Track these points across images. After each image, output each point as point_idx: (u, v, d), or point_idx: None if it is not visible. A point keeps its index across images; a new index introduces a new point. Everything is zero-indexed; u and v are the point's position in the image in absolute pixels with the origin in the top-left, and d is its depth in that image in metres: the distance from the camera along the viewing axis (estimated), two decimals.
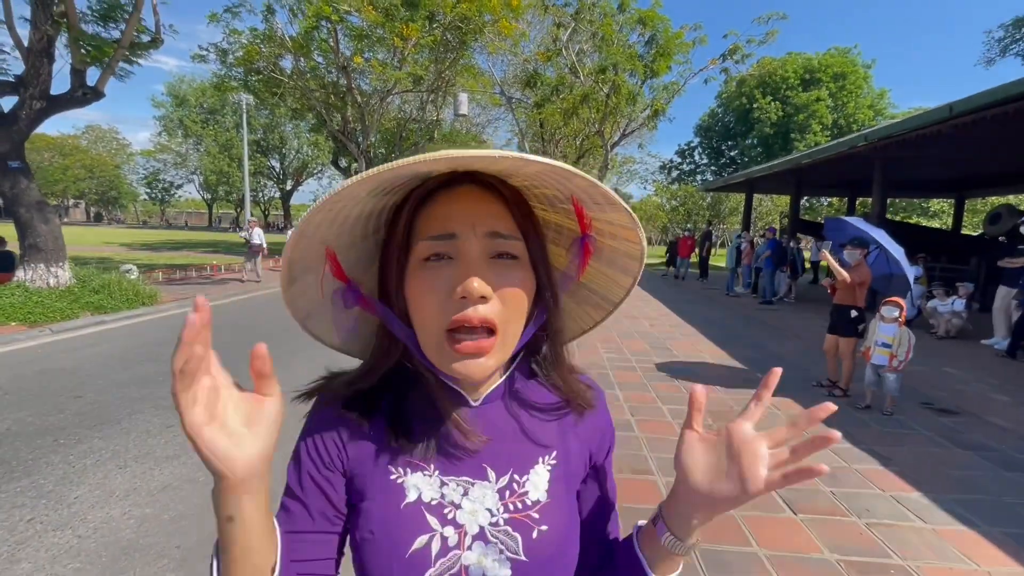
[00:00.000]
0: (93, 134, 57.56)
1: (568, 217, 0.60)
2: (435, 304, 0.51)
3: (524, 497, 0.57)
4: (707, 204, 33.51)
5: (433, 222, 0.52)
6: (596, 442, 0.64)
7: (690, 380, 4.99)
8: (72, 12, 7.55)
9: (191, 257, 18.30)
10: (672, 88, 18.04)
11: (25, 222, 7.72)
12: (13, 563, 2.18)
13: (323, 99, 20.35)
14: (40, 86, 7.62)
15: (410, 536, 0.53)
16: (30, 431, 3.50)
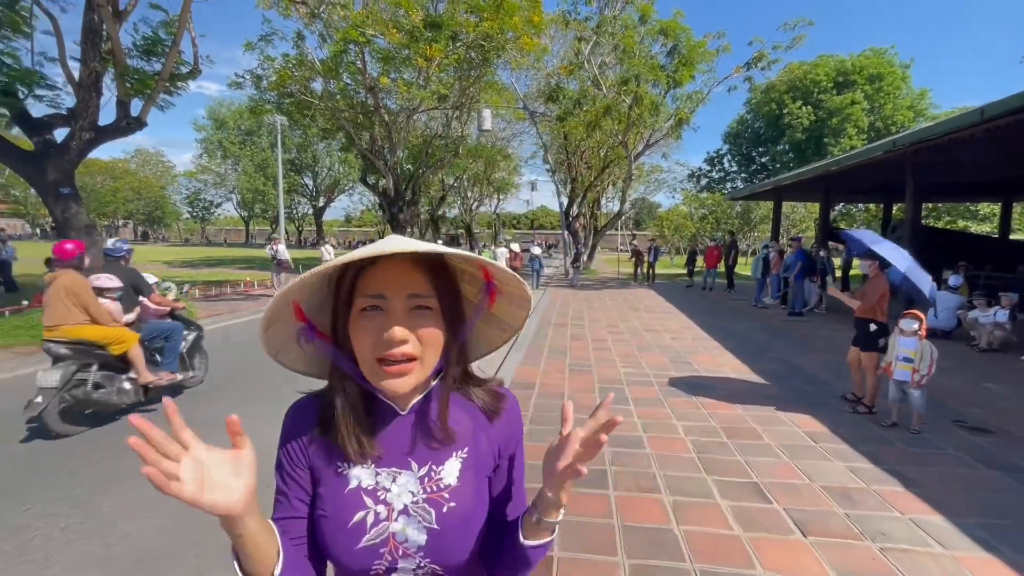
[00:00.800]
0: (141, 157, 60.82)
1: (478, 270, 0.80)
2: (370, 343, 0.69)
3: (439, 482, 0.76)
4: (737, 213, 32.78)
5: (369, 285, 0.70)
6: (503, 441, 0.82)
7: (708, 396, 4.91)
8: (118, 49, 8.11)
9: (227, 274, 19.07)
10: (696, 97, 17.87)
11: None
12: (46, 567, 2.34)
13: (352, 119, 21.02)
14: (89, 118, 8.19)
15: (351, 512, 0.73)
16: (71, 441, 3.73)
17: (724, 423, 4.16)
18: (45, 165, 7.99)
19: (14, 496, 2.97)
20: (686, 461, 3.45)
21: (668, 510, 2.81)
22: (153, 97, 8.71)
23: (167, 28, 9.06)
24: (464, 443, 0.79)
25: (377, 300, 0.69)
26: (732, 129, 35.56)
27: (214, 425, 3.53)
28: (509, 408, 0.84)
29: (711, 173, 36.83)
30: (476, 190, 45.51)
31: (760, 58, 16.95)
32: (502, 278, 0.79)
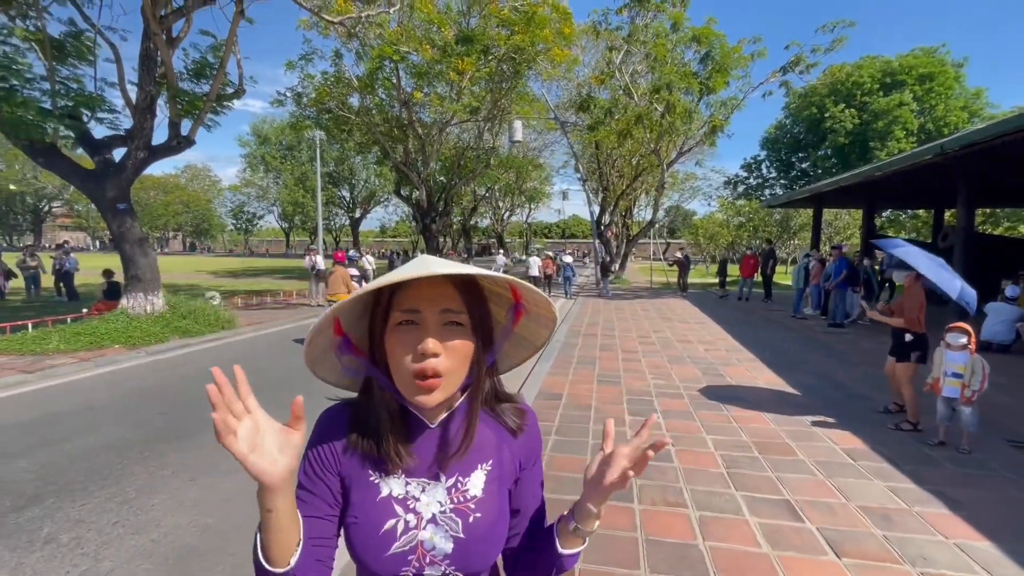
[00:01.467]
0: (190, 172, 64.15)
1: (507, 291, 0.84)
2: (406, 356, 0.73)
3: (465, 493, 0.80)
4: (775, 220, 31.78)
5: (405, 300, 0.74)
6: (525, 455, 0.87)
7: (740, 409, 4.79)
8: (171, 73, 8.65)
9: (268, 283, 19.83)
10: (731, 103, 17.54)
11: (129, 256, 8.79)
12: (98, 561, 2.50)
13: (386, 132, 21.63)
14: (144, 138, 8.74)
15: (382, 520, 0.77)
16: (121, 444, 3.98)
17: (756, 437, 4.05)
18: (104, 183, 8.57)
19: (74, 491, 3.19)
20: (715, 476, 3.38)
21: (694, 525, 2.76)
22: (201, 117, 9.22)
23: (215, 52, 9.61)
24: (489, 456, 0.83)
25: (412, 315, 0.73)
26: (770, 134, 34.62)
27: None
28: (530, 424, 0.89)
29: (748, 180, 35.88)
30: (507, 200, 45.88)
31: (798, 62, 16.53)
32: (530, 298, 0.83)
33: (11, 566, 2.45)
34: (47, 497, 3.11)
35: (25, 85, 7.97)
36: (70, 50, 8.51)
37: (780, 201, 18.70)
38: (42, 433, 4.19)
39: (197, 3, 8.80)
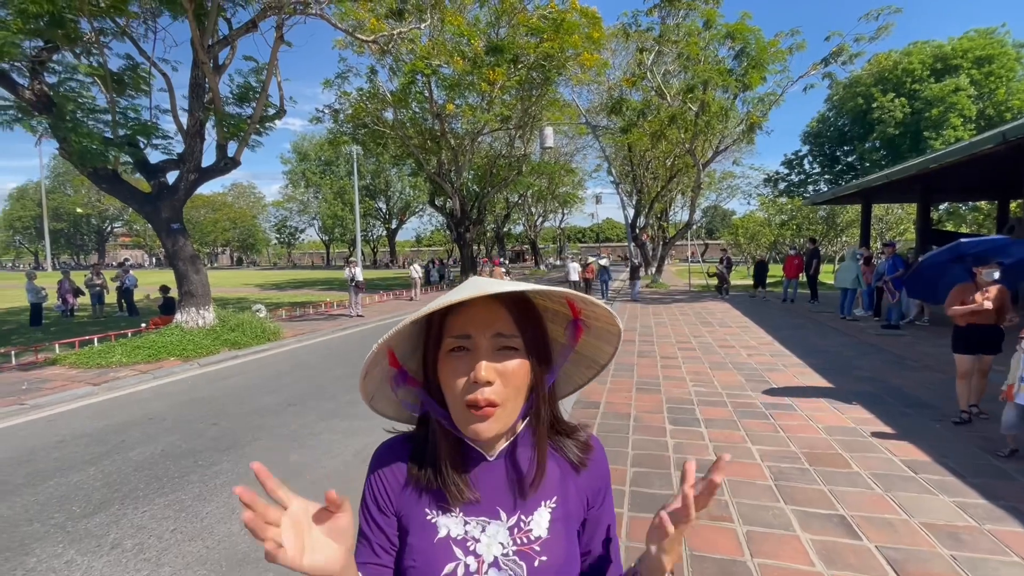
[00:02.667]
0: (236, 191, 67.35)
1: (563, 307, 0.79)
2: (458, 384, 0.69)
3: (529, 533, 0.74)
4: (820, 218, 30.44)
5: (456, 326, 0.71)
6: (593, 491, 0.80)
7: (788, 416, 4.59)
8: (218, 98, 9.12)
9: (310, 295, 20.51)
10: (769, 99, 16.99)
11: (182, 273, 9.29)
12: (159, 566, 2.64)
13: (420, 145, 22.09)
14: (194, 161, 9.25)
15: (441, 563, 0.71)
16: (177, 453, 4.19)
17: (806, 448, 3.87)
18: (160, 205, 9.11)
19: (137, 498, 3.37)
20: (762, 488, 3.25)
21: (741, 541, 2.66)
22: (246, 139, 9.68)
23: (257, 76, 10.09)
24: (552, 492, 0.76)
25: (463, 340, 0.70)
26: (812, 128, 33.32)
27: (301, 436, 3.81)
28: (596, 457, 0.81)
29: (790, 176, 34.62)
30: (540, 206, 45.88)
31: (840, 52, 15.86)
32: (590, 312, 0.77)
33: (82, 569, 2.61)
34: (113, 504, 3.30)
35: (89, 117, 8.59)
36: (128, 82, 9.12)
37: (825, 197, 17.94)
38: (109, 442, 4.46)
39: (241, 31, 9.28)
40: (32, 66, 8.03)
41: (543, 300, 0.78)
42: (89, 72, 8.46)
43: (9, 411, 5.51)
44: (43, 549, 2.79)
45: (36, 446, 4.43)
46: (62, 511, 3.21)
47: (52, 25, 7.29)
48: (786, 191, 34.04)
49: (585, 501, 0.79)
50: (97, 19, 8.29)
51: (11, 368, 7.55)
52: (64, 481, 3.66)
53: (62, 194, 60.99)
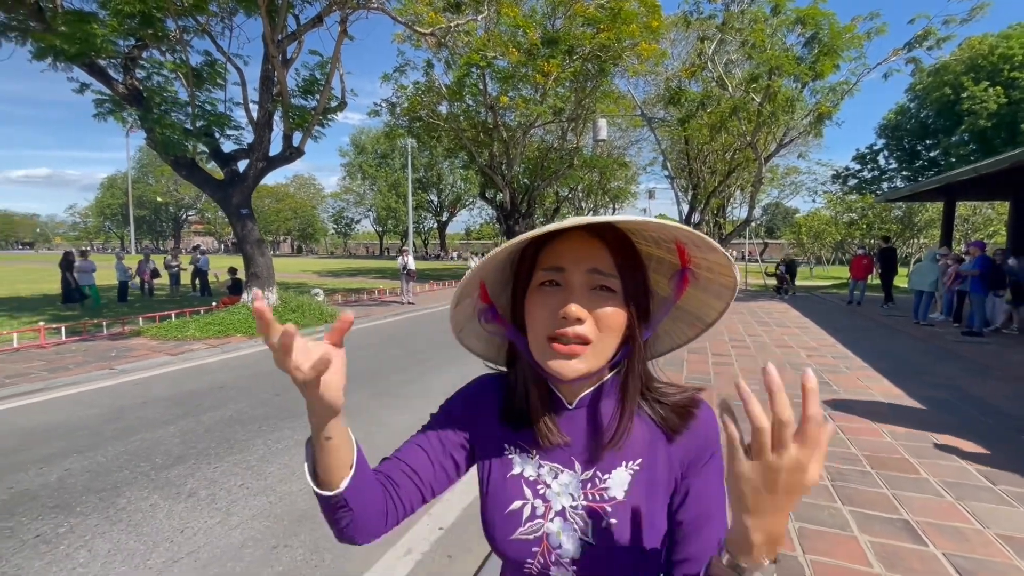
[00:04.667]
0: (298, 182, 70.72)
1: (670, 253, 0.70)
2: (544, 318, 0.65)
3: (603, 491, 0.69)
4: (896, 216, 28.28)
5: (549, 258, 0.67)
6: (688, 459, 0.69)
7: (849, 418, 4.36)
8: (285, 91, 9.61)
9: (364, 282, 21.31)
10: (841, 88, 15.96)
11: (249, 256, 9.90)
12: (229, 515, 2.87)
13: (473, 137, 22.35)
14: (263, 150, 9.81)
15: (510, 499, 0.71)
16: (244, 418, 4.50)
17: (868, 451, 3.67)
18: (231, 191, 9.74)
19: (209, 456, 3.67)
20: (818, 488, 3.11)
21: (792, 536, 2.57)
22: (310, 129, 10.16)
23: (321, 69, 10.54)
24: (636, 454, 0.70)
25: (555, 274, 0.65)
26: (889, 121, 30.97)
27: (354, 411, 4.00)
28: (697, 424, 0.71)
29: (861, 172, 32.39)
30: (591, 200, 45.33)
31: (926, 36, 14.66)
32: (701, 260, 0.68)
33: (164, 511, 2.88)
34: (189, 459, 3.61)
35: (172, 109, 9.29)
36: (206, 77, 9.78)
37: (902, 194, 16.68)
38: (185, 405, 4.86)
39: (308, 26, 9.72)
40: (125, 62, 8.77)
41: (648, 247, 0.72)
42: (173, 68, 9.15)
43: (102, 374, 6.10)
44: (132, 492, 3.10)
45: (124, 405, 4.89)
46: (147, 462, 3.54)
47: (143, 24, 7.92)
48: (857, 188, 31.87)
49: (677, 469, 0.70)
50: (181, 18, 8.93)
51: (103, 337, 8.33)
52: (148, 436, 4.03)
53: (145, 184, 66.30)
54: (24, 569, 2.37)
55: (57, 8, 7.73)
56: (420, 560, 2.54)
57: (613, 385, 0.71)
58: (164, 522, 2.78)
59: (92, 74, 8.38)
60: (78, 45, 7.20)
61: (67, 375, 5.93)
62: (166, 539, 2.63)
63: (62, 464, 3.50)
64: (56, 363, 6.52)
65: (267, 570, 2.40)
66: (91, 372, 6.12)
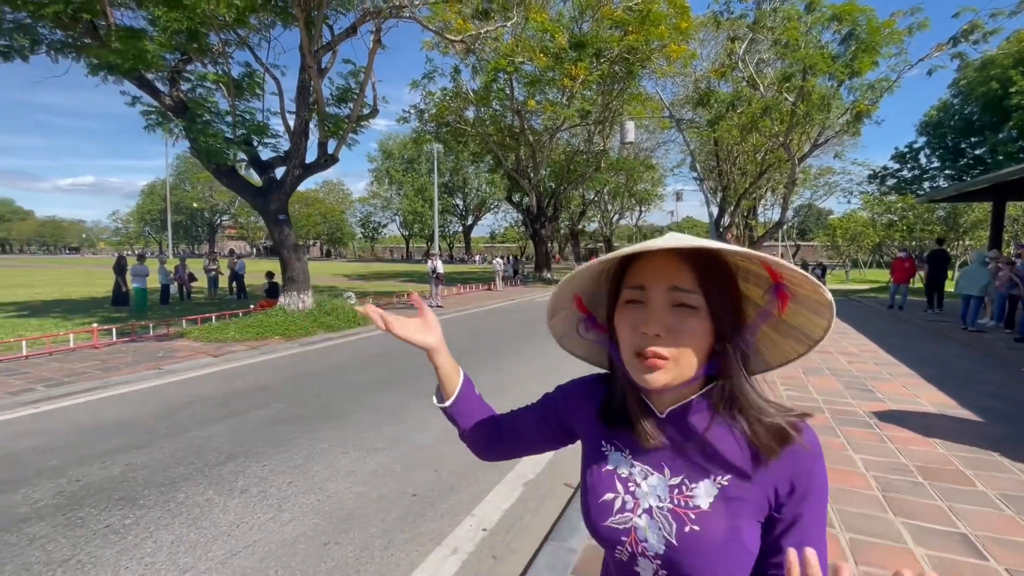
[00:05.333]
0: (327, 187, 72.38)
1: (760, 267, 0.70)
2: (628, 333, 0.70)
3: (689, 499, 0.71)
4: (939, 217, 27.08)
5: (633, 276, 0.71)
6: (783, 487, 0.69)
7: (896, 428, 4.22)
8: (320, 99, 9.89)
9: (394, 285, 21.65)
10: (880, 86, 15.49)
11: (286, 260, 10.19)
12: (280, 511, 2.97)
13: (499, 141, 22.49)
14: (299, 158, 10.10)
15: (604, 490, 0.77)
16: (287, 418, 4.65)
17: (919, 461, 3.55)
18: (269, 197, 10.06)
19: (257, 454, 3.81)
20: (867, 498, 3.03)
21: (844, 547, 2.51)
22: (344, 137, 10.42)
23: (354, 77, 10.81)
24: (727, 470, 0.71)
25: (638, 293, 0.69)
26: (931, 117, 29.73)
27: (394, 411, 4.09)
28: (796, 450, 0.69)
29: (901, 172, 31.18)
30: (616, 203, 44.99)
31: (972, 30, 14.11)
32: (792, 279, 0.68)
33: (220, 506, 3.01)
34: (238, 456, 3.75)
35: (214, 120, 9.66)
36: (245, 87, 10.15)
37: (947, 194, 16.00)
38: (230, 405, 5.05)
39: (342, 36, 9.98)
40: (171, 76, 9.18)
41: (738, 259, 0.71)
42: (215, 79, 9.52)
43: (150, 374, 6.38)
44: (188, 488, 3.25)
45: (174, 404, 5.11)
46: (199, 459, 3.70)
47: (190, 39, 8.27)
48: (896, 188, 30.71)
49: (772, 493, 0.69)
50: (223, 32, 9.29)
51: (149, 339, 8.71)
52: (198, 434, 4.20)
53: (182, 190, 68.86)
54: (97, 557, 2.51)
55: (111, 26, 8.15)
56: (466, 560, 2.58)
57: (704, 399, 0.73)
58: (220, 516, 2.91)
59: (141, 87, 8.80)
60: (131, 60, 7.57)
61: (119, 375, 6.23)
62: (223, 533, 2.75)
63: (123, 459, 3.69)
64: (109, 363, 6.85)
65: (320, 565, 2.48)
66: (140, 372, 6.41)
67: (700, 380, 0.71)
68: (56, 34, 8.86)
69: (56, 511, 2.95)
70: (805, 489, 0.68)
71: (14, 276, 25.80)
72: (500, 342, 8.87)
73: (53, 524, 2.81)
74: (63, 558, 2.51)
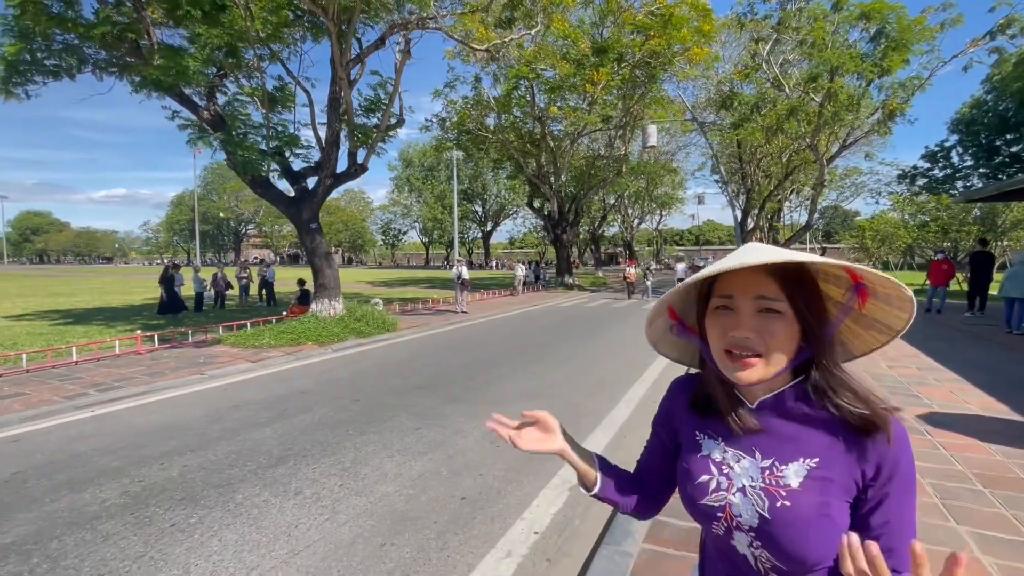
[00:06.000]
0: (348, 196, 73.57)
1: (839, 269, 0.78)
2: (719, 335, 0.80)
3: (780, 478, 0.78)
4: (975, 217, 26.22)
5: (722, 286, 0.80)
6: (871, 468, 0.75)
7: (948, 434, 4.11)
8: (350, 110, 10.11)
9: (417, 292, 21.85)
10: (912, 84, 15.14)
11: (318, 268, 10.41)
12: (335, 513, 3.05)
13: (520, 148, 22.60)
14: (330, 168, 10.33)
15: (699, 473, 0.86)
16: (331, 422, 4.75)
17: (976, 468, 3.45)
18: (301, 206, 10.31)
19: (307, 457, 3.90)
20: (926, 506, 2.96)
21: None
22: (373, 146, 10.63)
23: (382, 88, 11.03)
24: (815, 453, 0.77)
25: (727, 300, 0.78)
26: (963, 115, 28.77)
27: (432, 416, 4.15)
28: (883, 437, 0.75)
29: (932, 171, 30.29)
30: (637, 207, 44.71)
31: (1009, 24, 13.71)
32: (872, 279, 0.76)
33: (277, 508, 3.10)
34: (289, 459, 3.85)
35: (249, 131, 9.96)
36: (278, 100, 10.44)
37: (985, 193, 15.49)
38: (275, 409, 5.18)
39: (371, 48, 10.21)
40: (208, 90, 9.50)
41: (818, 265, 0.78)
42: (250, 92, 9.82)
43: (194, 379, 6.58)
44: (245, 489, 3.35)
45: (220, 408, 5.26)
46: (252, 461, 3.81)
47: (228, 55, 8.56)
48: (926, 188, 29.85)
49: (857, 477, 0.75)
50: (257, 47, 9.60)
51: (188, 345, 8.97)
52: (248, 437, 4.33)
53: (209, 201, 70.84)
54: (168, 554, 2.61)
55: (153, 44, 8.49)
56: (520, 563, 2.61)
57: (794, 391, 0.80)
58: (279, 517, 2.99)
59: (181, 102, 9.14)
60: (173, 76, 7.88)
61: (165, 379, 6.44)
62: (283, 533, 2.83)
63: (180, 460, 3.82)
64: (154, 368, 7.09)
65: (380, 566, 2.54)
66: (184, 377, 6.61)
67: (789, 372, 0.79)
68: (101, 54, 9.28)
69: (124, 510, 3.08)
70: (890, 473, 0.74)
71: (55, 285, 26.84)
72: (530, 346, 8.88)
73: (123, 522, 2.93)
74: (136, 554, 2.61)
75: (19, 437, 4.46)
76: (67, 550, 2.66)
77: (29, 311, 14.32)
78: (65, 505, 3.15)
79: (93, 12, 8.76)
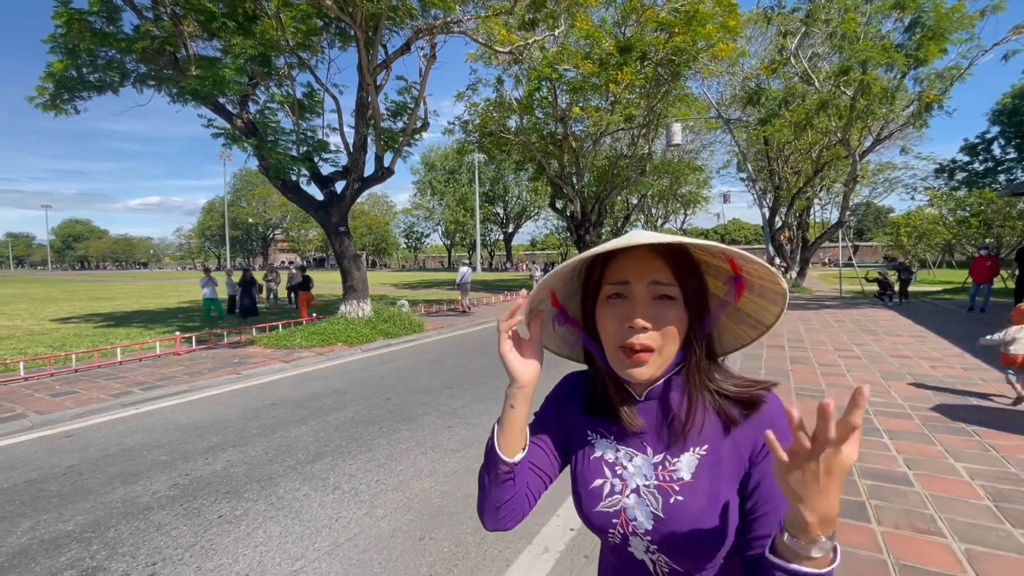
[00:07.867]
0: (372, 200, 74.64)
1: (724, 262, 0.78)
2: (614, 328, 0.76)
3: (672, 473, 0.77)
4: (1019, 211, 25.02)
5: (615, 272, 0.76)
6: (754, 445, 0.75)
7: (998, 435, 3.94)
8: (377, 115, 10.28)
9: (440, 294, 22.05)
10: (950, 74, 14.55)
11: (347, 270, 10.61)
12: (373, 507, 3.11)
13: (542, 149, 22.59)
14: (358, 172, 10.52)
15: (592, 477, 0.82)
16: (364, 420, 4.84)
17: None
18: (330, 210, 10.52)
19: (342, 453, 3.99)
20: (977, 508, 2.86)
21: (960, 557, 2.38)
22: (400, 150, 10.79)
23: (407, 93, 11.18)
24: (703, 441, 0.77)
25: (621, 287, 0.75)
26: (1005, 105, 27.69)
27: (464, 414, 4.20)
28: (762, 415, 0.76)
29: (972, 165, 29.15)
30: (662, 207, 44.18)
31: None
32: (750, 270, 0.76)
33: (317, 502, 3.18)
34: (325, 455, 3.94)
35: (280, 138, 10.23)
36: (307, 106, 10.69)
37: None
38: (309, 407, 5.31)
39: (397, 54, 10.36)
40: (242, 99, 9.80)
41: (703, 254, 0.79)
42: (281, 100, 10.09)
43: (231, 378, 6.79)
44: (286, 483, 3.45)
45: (257, 406, 5.42)
46: (291, 457, 3.92)
47: (261, 64, 8.82)
48: (966, 182, 28.68)
49: (745, 456, 0.75)
50: (287, 55, 9.85)
51: (223, 345, 9.26)
52: (286, 434, 4.45)
53: (238, 207, 72.82)
54: (217, 544, 2.71)
55: (190, 56, 8.81)
56: (558, 558, 2.62)
57: (677, 380, 0.79)
58: (319, 511, 3.07)
59: (216, 111, 9.44)
60: (209, 86, 8.15)
61: (203, 379, 6.66)
62: (325, 526, 2.90)
63: (222, 456, 3.95)
64: (193, 368, 7.34)
65: (420, 559, 2.58)
66: (222, 376, 6.83)
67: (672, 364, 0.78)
68: (141, 67, 9.66)
69: (174, 501, 3.20)
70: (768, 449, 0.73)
71: (96, 290, 28.00)
72: None
73: (173, 513, 3.05)
74: (188, 543, 2.72)
75: (72, 432, 4.69)
76: (123, 538, 2.79)
77: (74, 314, 14.98)
78: (119, 496, 3.30)
79: (133, 28, 9.14)
